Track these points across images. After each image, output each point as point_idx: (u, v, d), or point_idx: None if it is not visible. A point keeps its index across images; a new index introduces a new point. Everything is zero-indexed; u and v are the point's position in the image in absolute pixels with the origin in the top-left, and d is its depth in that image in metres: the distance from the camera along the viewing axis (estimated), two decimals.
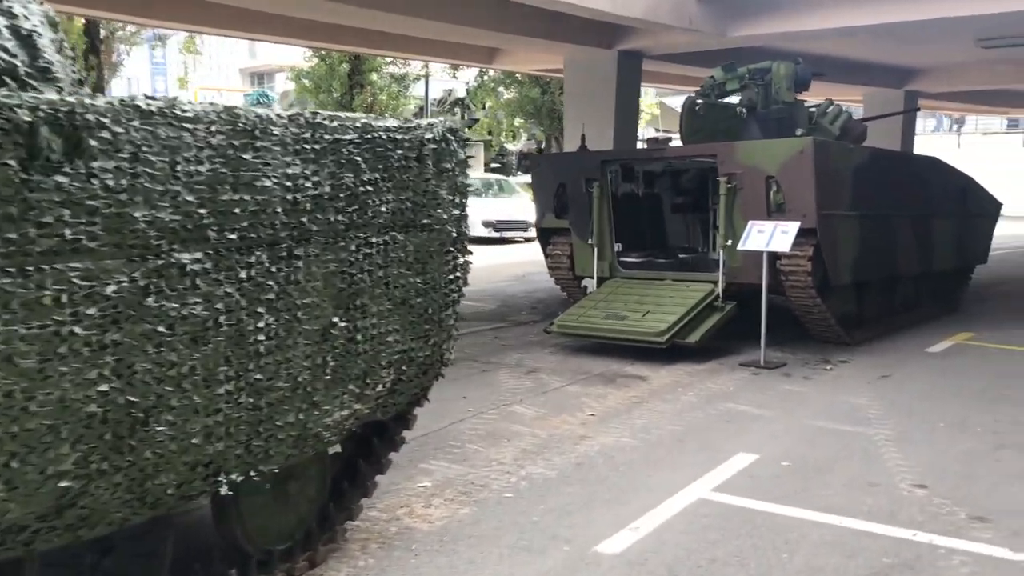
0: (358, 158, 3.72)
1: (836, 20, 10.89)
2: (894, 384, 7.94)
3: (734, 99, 10.86)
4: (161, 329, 2.91)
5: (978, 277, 16.76)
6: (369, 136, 3.77)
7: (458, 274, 4.59)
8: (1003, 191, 19.33)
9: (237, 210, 3.15)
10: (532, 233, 19.38)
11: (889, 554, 4.34)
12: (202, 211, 3.02)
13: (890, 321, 10.68)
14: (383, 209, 3.89)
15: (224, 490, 3.34)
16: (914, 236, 10.77)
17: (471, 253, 4.68)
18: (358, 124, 3.74)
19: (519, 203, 22.26)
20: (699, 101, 9.92)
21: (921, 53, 16.94)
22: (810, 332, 9.65)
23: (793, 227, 8.61)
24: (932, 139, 42.87)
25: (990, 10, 9.72)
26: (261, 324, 3.29)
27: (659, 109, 35.02)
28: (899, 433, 6.39)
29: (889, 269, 10.30)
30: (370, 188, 3.79)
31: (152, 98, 2.89)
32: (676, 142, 10.94)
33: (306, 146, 3.45)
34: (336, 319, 3.66)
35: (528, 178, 11.98)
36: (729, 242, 9.18)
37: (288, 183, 3.37)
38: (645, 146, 10.03)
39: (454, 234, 4.55)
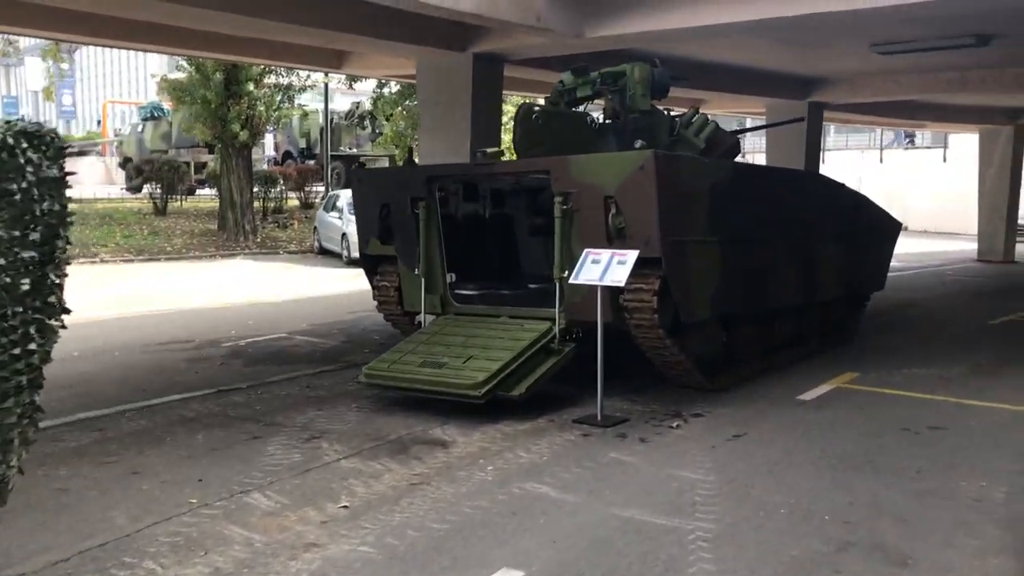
0: None
1: (702, 17, 9.60)
2: (744, 448, 6.59)
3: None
4: None
5: (888, 298, 15.79)
6: None
7: (32, 347, 3.10)
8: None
9: None
10: None
11: None
12: None
13: (770, 360, 9.40)
14: None
15: None
16: (794, 262, 9.50)
17: (62, 323, 3.20)
18: None
19: None
20: (536, 109, 8.51)
21: (822, 61, 15.86)
22: (666, 377, 8.30)
23: (631, 256, 7.25)
24: (853, 155, 42.42)
25: (856, 6, 8.49)
26: None
27: None
28: (724, 528, 5.00)
29: (762, 301, 9.01)
30: None
31: None
32: None
33: None
34: None
35: None
36: (566, 273, 7.78)
37: None
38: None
39: (25, 287, 3.07)
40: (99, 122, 66.88)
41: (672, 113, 9.52)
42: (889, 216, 12.30)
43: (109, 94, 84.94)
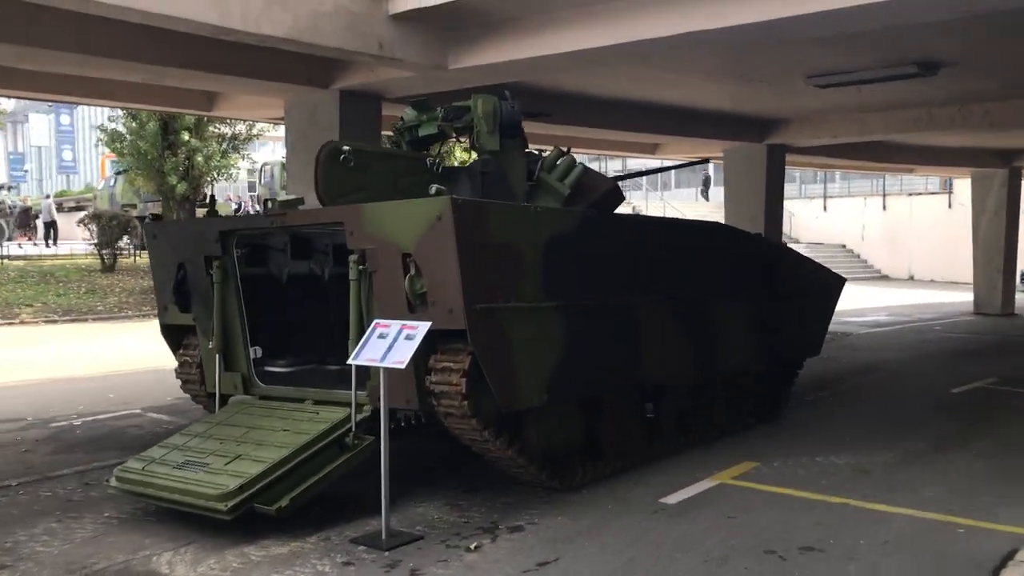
0: None
1: (583, 39, 8.19)
2: None
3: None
4: None
5: (853, 360, 14.12)
6: None
7: None
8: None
9: None
10: None
11: None
12: None
13: (652, 448, 7.81)
14: None
15: None
16: (684, 330, 7.94)
17: None
18: None
19: None
20: (345, 148, 7.06)
21: (774, 100, 14.45)
22: (506, 474, 6.76)
23: (421, 330, 5.75)
24: (856, 202, 40.83)
25: (732, 21, 7.07)
26: None
27: None
28: None
29: (634, 377, 7.44)
30: None
31: None
32: None
33: None
34: None
35: None
36: None
37: None
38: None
39: None
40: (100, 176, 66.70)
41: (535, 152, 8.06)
42: (828, 272, 10.69)
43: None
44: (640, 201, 44.71)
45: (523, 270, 6.31)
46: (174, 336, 7.86)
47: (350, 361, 5.92)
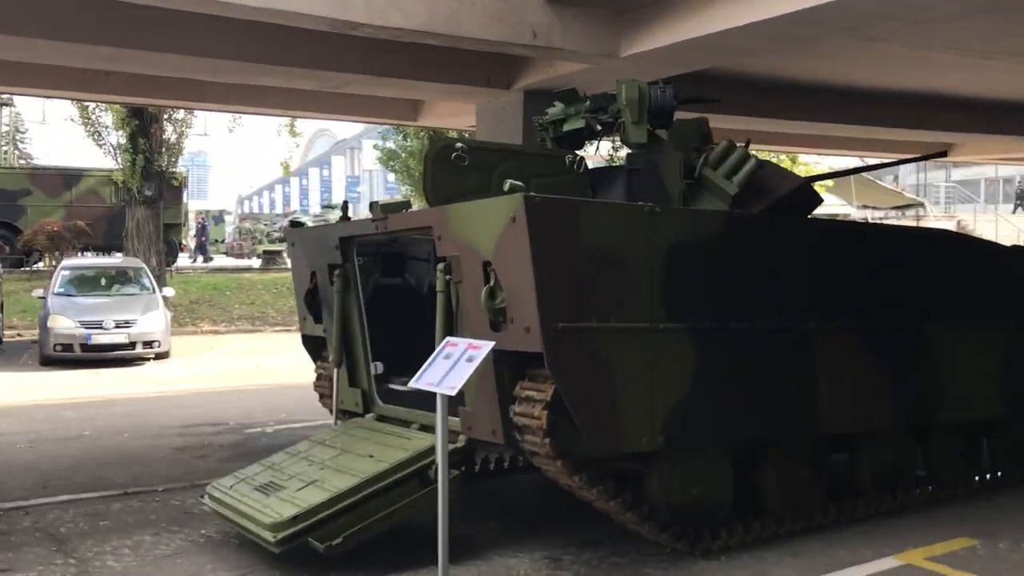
0: None
1: (773, 4, 6.83)
2: None
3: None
4: None
5: None
6: None
7: None
8: None
9: None
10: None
11: None
12: None
13: (849, 508, 6.29)
14: None
15: None
16: (884, 363, 6.31)
17: None
18: None
19: (142, 305, 15.64)
20: (459, 145, 6.28)
21: None
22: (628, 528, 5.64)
23: (483, 350, 4.85)
24: None
25: None
26: None
27: None
28: None
29: (802, 421, 5.96)
30: None
31: None
32: None
33: None
34: None
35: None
36: None
37: None
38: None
39: None
40: None
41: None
42: None
43: None
44: (967, 215, 39.90)
45: (632, 283, 5.19)
46: (313, 347, 7.54)
47: (411, 384, 5.14)
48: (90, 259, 19.02)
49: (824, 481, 6.29)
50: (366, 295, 6.79)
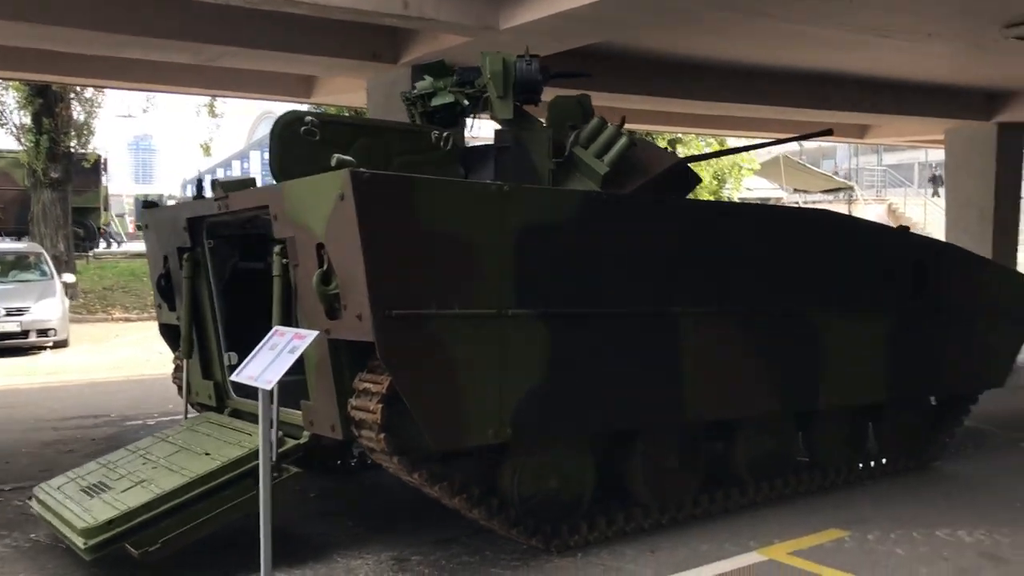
0: None
1: None
2: None
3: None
4: None
5: None
6: None
7: None
8: None
9: None
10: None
11: None
12: None
13: (723, 499, 6.08)
14: None
15: None
16: (759, 349, 6.07)
17: None
18: None
19: (37, 292, 14.92)
20: (309, 118, 5.89)
21: (1003, 65, 11.65)
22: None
23: (307, 339, 4.50)
24: None
25: None
26: None
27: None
28: None
29: (668, 408, 5.69)
30: None
31: None
32: None
33: None
34: None
35: None
36: None
37: None
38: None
39: None
40: None
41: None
42: (1021, 280, 8.23)
43: None
44: (898, 199, 40.39)
45: (479, 267, 4.85)
46: (171, 337, 7.08)
47: (232, 377, 4.77)
48: None
49: (698, 470, 6.05)
50: (222, 280, 6.38)
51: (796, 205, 28.58)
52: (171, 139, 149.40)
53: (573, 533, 5.36)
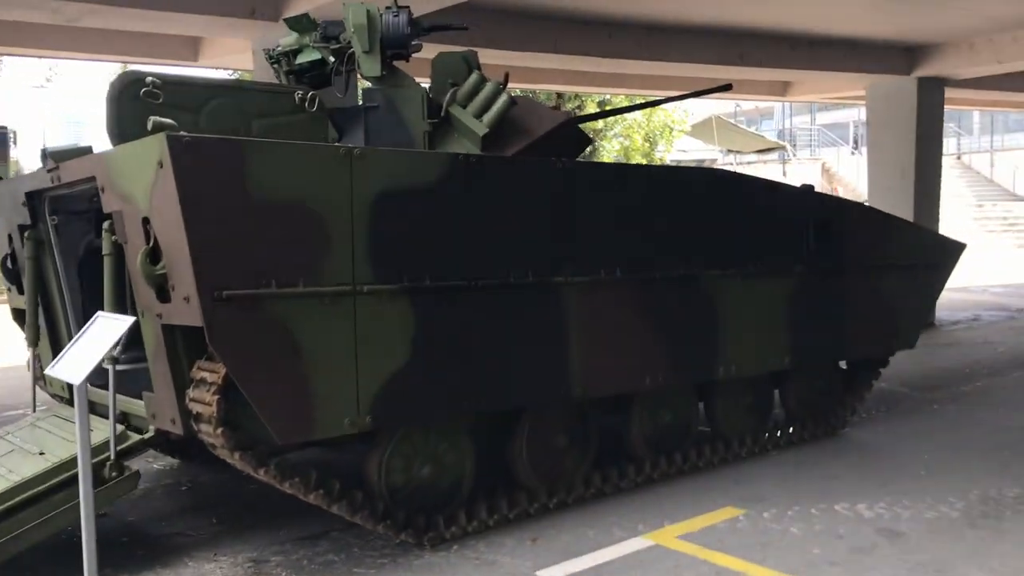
0: None
1: None
2: None
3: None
4: None
5: (968, 357, 10.97)
6: None
7: None
8: None
9: None
10: None
11: None
12: None
13: (617, 478, 5.75)
14: None
15: None
16: (651, 318, 5.71)
17: None
18: None
19: None
20: (151, 79, 5.34)
21: (922, 18, 11.39)
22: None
23: (120, 326, 4.01)
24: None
25: None
26: None
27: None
28: None
29: (553, 385, 5.29)
30: None
31: None
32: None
33: None
34: None
35: None
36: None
37: None
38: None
39: None
40: None
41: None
42: (934, 238, 8.00)
43: None
44: (832, 158, 40.56)
45: (326, 240, 4.38)
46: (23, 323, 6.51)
47: (47, 370, 4.26)
48: None
49: (589, 449, 5.70)
50: (73, 259, 5.82)
51: (729, 167, 28.43)
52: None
53: (450, 524, 4.98)
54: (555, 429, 5.51)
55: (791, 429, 6.93)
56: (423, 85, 5.94)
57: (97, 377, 5.54)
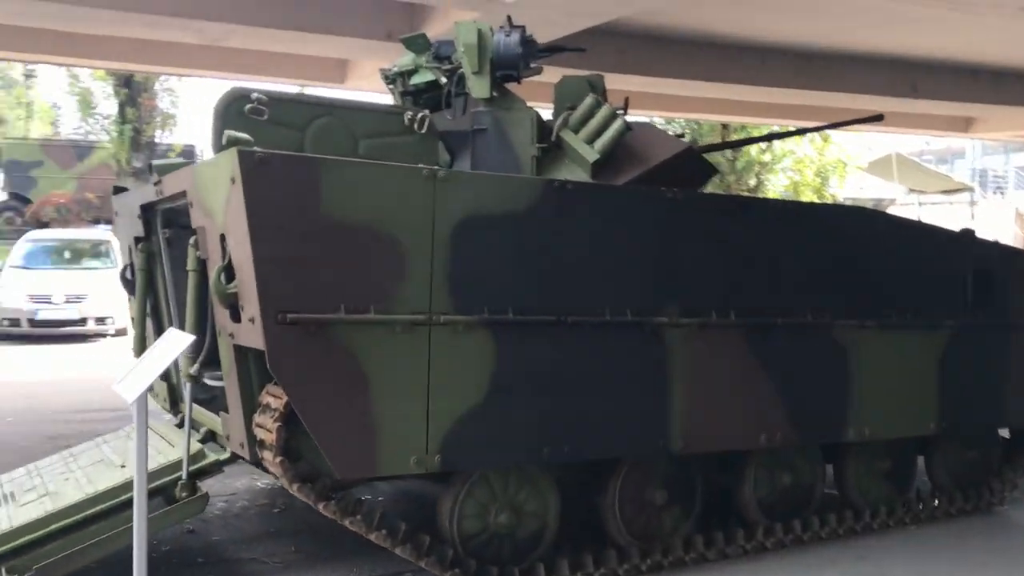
0: None
1: None
2: None
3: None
4: None
5: None
6: None
7: None
8: None
9: None
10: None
11: None
12: None
13: (725, 542, 5.21)
14: None
15: None
16: (770, 367, 5.15)
17: None
18: None
19: (99, 280, 14.57)
20: (257, 95, 5.27)
21: None
22: None
23: (180, 344, 3.90)
24: None
25: None
26: None
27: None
28: None
29: (651, 436, 4.82)
30: None
31: None
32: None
33: None
34: None
35: None
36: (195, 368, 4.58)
37: None
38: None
39: None
40: None
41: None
42: None
43: None
44: None
45: (401, 266, 4.14)
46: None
47: (115, 385, 4.19)
48: (55, 231, 18.48)
49: (693, 508, 5.19)
50: (182, 273, 5.85)
51: (909, 207, 26.75)
52: None
53: None
54: (654, 482, 5.04)
55: (936, 502, 6.14)
56: (536, 109, 5.66)
57: (200, 391, 5.58)
